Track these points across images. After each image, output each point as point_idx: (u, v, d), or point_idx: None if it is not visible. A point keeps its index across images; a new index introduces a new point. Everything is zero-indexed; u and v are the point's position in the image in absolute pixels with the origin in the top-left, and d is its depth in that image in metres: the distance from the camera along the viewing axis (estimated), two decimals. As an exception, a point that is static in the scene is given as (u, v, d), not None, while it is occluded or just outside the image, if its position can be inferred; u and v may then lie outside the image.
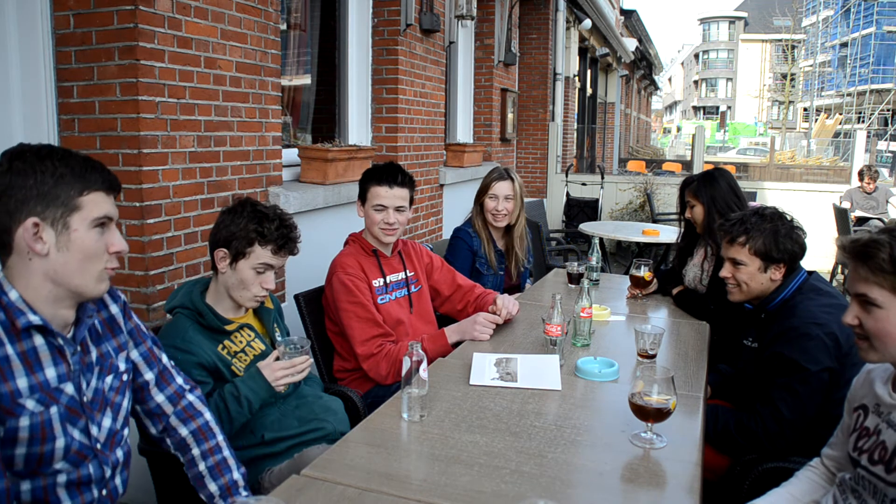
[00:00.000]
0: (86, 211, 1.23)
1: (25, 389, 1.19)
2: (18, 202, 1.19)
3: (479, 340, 2.30)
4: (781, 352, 1.88)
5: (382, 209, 2.38)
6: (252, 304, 1.93)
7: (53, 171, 1.21)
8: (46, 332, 1.23)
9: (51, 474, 1.25)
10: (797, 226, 2.08)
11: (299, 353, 1.81)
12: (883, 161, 20.15)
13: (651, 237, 5.33)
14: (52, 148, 1.25)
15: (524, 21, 8.11)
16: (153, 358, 1.52)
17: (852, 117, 30.20)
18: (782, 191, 8.22)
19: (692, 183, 2.87)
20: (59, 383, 1.25)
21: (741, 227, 2.06)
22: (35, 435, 1.20)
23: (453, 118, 6.16)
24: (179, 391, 1.57)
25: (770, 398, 1.88)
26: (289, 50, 3.98)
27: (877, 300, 1.35)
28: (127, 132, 2.34)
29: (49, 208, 1.20)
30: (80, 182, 1.23)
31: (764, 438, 1.87)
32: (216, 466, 1.53)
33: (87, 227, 1.24)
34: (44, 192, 1.20)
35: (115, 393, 1.38)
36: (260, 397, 1.78)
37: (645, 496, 1.40)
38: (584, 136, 12.74)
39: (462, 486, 1.38)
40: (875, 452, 1.36)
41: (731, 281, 2.12)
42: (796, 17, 36.94)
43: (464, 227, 3.20)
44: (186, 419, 1.56)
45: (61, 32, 2.36)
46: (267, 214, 1.87)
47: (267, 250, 1.85)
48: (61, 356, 1.25)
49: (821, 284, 2.04)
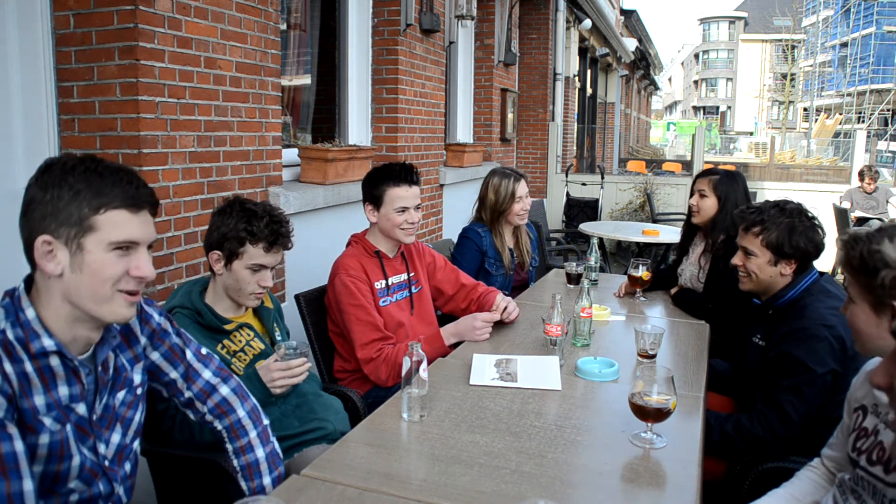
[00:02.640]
0: (103, 233, 1.15)
1: (43, 407, 1.16)
2: (37, 218, 1.14)
3: (478, 341, 2.30)
4: (789, 351, 1.86)
5: (404, 210, 2.36)
6: (252, 303, 1.92)
7: (71, 187, 1.13)
8: (62, 356, 1.18)
9: (65, 493, 1.22)
10: (818, 224, 2.04)
11: (297, 356, 1.80)
12: (883, 161, 20.15)
13: (651, 237, 5.33)
14: (86, 160, 1.16)
15: (524, 21, 8.11)
16: (176, 356, 1.45)
17: (852, 117, 30.20)
18: (782, 191, 8.21)
19: (714, 175, 2.84)
20: (71, 402, 1.21)
21: (758, 216, 2.05)
22: (54, 452, 1.18)
23: (453, 118, 6.16)
24: (207, 388, 1.51)
25: (776, 400, 1.86)
26: (289, 50, 3.98)
27: (852, 295, 1.42)
28: (127, 132, 2.34)
29: (62, 227, 1.13)
30: (97, 199, 1.14)
31: (772, 442, 1.85)
32: (248, 468, 1.52)
33: (103, 249, 1.15)
34: (58, 208, 1.13)
35: (127, 408, 1.34)
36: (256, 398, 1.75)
37: (645, 496, 1.40)
38: (584, 136, 12.73)
39: (462, 486, 1.38)
40: (874, 453, 1.37)
41: (741, 269, 2.11)
42: (796, 17, 36.96)
43: (472, 226, 3.21)
44: (220, 415, 1.53)
45: (61, 32, 2.36)
46: (255, 212, 1.85)
47: (259, 249, 1.84)
48: (76, 376, 1.21)
49: (831, 286, 2.02)
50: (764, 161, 18.88)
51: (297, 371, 1.79)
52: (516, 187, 3.13)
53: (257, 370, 1.79)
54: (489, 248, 3.14)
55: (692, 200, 2.88)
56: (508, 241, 3.22)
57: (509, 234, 3.23)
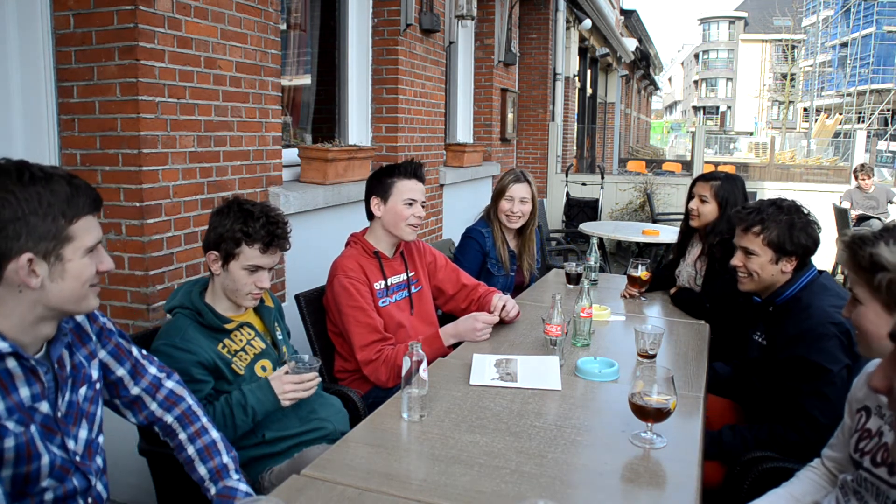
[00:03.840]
0: (78, 241, 1.20)
1: (4, 412, 1.16)
2: (9, 238, 1.13)
3: (478, 342, 2.30)
4: (803, 355, 1.85)
5: (413, 203, 2.38)
6: (249, 303, 1.91)
7: (40, 201, 1.15)
8: (18, 357, 1.19)
9: (38, 493, 1.23)
10: (813, 220, 2.05)
11: (308, 370, 1.82)
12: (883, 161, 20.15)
13: (651, 237, 5.33)
14: (31, 170, 1.16)
15: (524, 21, 8.11)
16: (122, 353, 1.48)
17: (852, 117, 30.21)
18: (782, 191, 8.21)
19: (715, 180, 2.81)
20: (34, 402, 1.22)
21: (757, 216, 2.04)
22: (21, 454, 1.18)
23: (453, 118, 6.16)
24: (155, 381, 1.54)
25: (802, 408, 1.84)
26: (289, 50, 3.98)
27: (859, 296, 1.40)
28: (127, 132, 2.34)
29: (41, 242, 1.16)
30: (70, 209, 1.18)
31: (805, 448, 1.81)
32: (205, 449, 1.53)
33: (80, 255, 1.21)
34: (34, 224, 1.15)
35: (90, 403, 1.36)
36: (265, 408, 1.78)
37: (645, 496, 1.40)
38: (584, 136, 12.74)
39: (462, 486, 1.38)
40: (878, 454, 1.36)
41: (742, 270, 2.10)
42: (796, 17, 36.96)
43: (476, 226, 3.21)
44: (170, 406, 1.54)
45: (61, 32, 2.36)
46: (252, 213, 1.83)
47: (255, 250, 1.82)
48: (34, 376, 1.22)
49: (829, 283, 2.03)
50: (764, 161, 18.88)
51: (308, 385, 1.81)
52: (510, 186, 3.12)
53: (269, 381, 1.80)
54: (491, 249, 3.13)
55: (692, 204, 2.85)
56: (510, 243, 3.21)
57: (511, 236, 3.23)
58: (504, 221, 3.15)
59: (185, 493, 1.59)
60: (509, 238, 3.21)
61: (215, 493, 1.48)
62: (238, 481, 1.51)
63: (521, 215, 3.14)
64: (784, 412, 1.90)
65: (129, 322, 2.43)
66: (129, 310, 2.43)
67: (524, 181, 3.14)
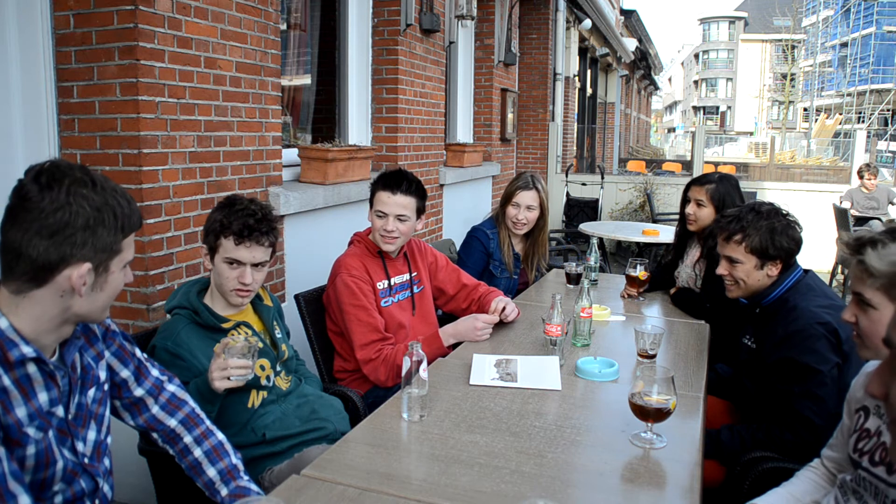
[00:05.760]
0: (124, 254, 1.22)
1: (25, 418, 1.16)
2: (75, 244, 1.14)
3: (478, 342, 2.30)
4: (793, 357, 1.86)
5: (383, 216, 2.33)
6: (235, 300, 1.88)
7: (111, 213, 1.17)
8: (39, 362, 1.19)
9: (49, 497, 1.23)
10: (793, 221, 2.06)
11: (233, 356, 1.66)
12: (883, 161, 20.15)
13: (651, 237, 5.33)
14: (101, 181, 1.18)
15: (524, 21, 8.11)
16: (126, 354, 1.48)
17: (852, 117, 30.20)
18: (782, 191, 8.21)
19: (709, 183, 2.80)
20: (51, 407, 1.22)
21: (737, 224, 2.05)
22: (40, 461, 1.18)
23: (453, 118, 6.16)
24: (158, 383, 1.53)
25: (795, 411, 1.84)
26: (289, 50, 3.98)
27: (871, 300, 1.38)
28: (127, 132, 2.34)
29: (100, 253, 1.18)
30: (128, 225, 1.21)
31: (803, 448, 1.82)
32: (213, 451, 1.52)
33: (120, 268, 1.23)
34: (100, 235, 1.16)
35: (98, 404, 1.36)
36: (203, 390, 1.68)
37: (645, 496, 1.40)
38: (584, 136, 12.74)
39: (462, 486, 1.38)
40: (876, 454, 1.36)
41: (728, 278, 2.11)
42: (796, 17, 36.93)
43: (482, 226, 3.21)
44: (173, 410, 1.53)
45: (61, 32, 2.36)
46: (234, 205, 1.82)
47: (230, 241, 1.80)
48: (52, 380, 1.22)
49: (815, 283, 2.04)
50: (764, 161, 18.87)
51: (232, 373, 1.64)
52: (517, 192, 3.11)
53: None
54: (496, 251, 3.13)
55: (689, 209, 2.85)
56: (516, 247, 3.21)
57: (517, 240, 3.23)
58: (510, 227, 3.16)
59: (185, 493, 1.59)
60: (515, 241, 3.21)
61: (227, 494, 1.48)
62: (249, 482, 1.51)
63: (526, 222, 3.13)
64: (778, 415, 1.90)
65: (128, 322, 2.43)
66: (129, 310, 2.43)
67: (532, 188, 3.11)
